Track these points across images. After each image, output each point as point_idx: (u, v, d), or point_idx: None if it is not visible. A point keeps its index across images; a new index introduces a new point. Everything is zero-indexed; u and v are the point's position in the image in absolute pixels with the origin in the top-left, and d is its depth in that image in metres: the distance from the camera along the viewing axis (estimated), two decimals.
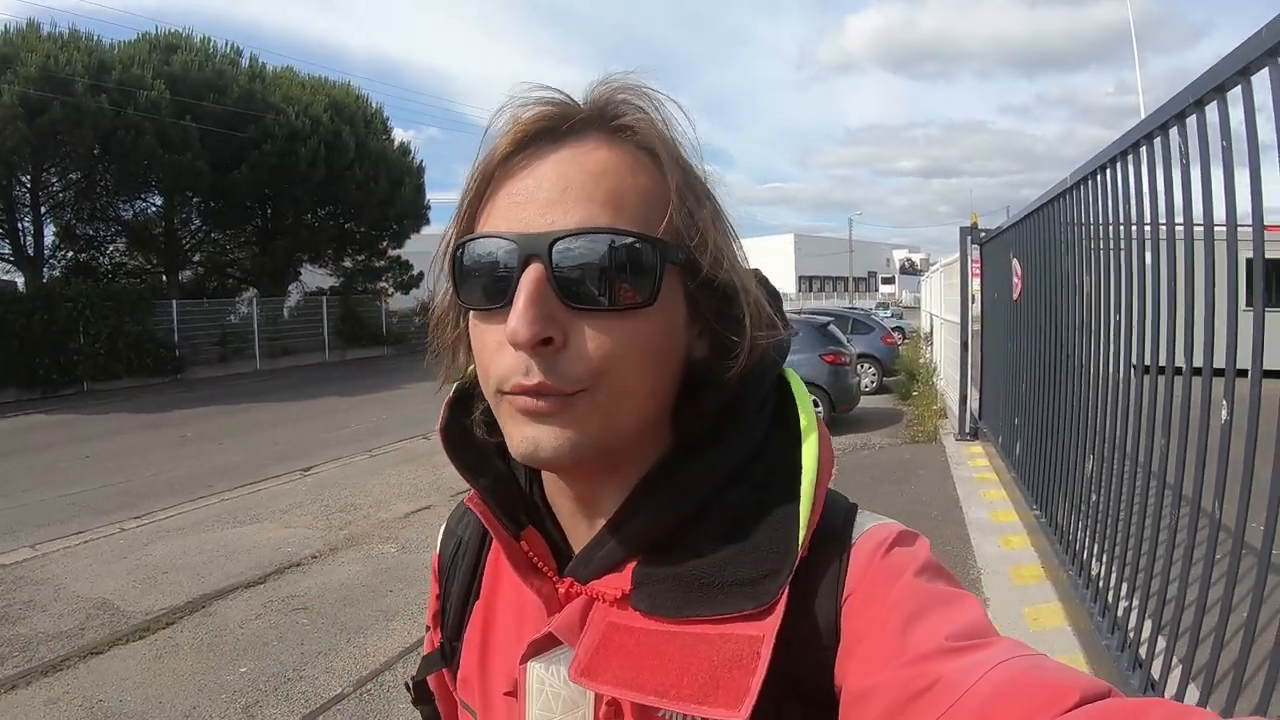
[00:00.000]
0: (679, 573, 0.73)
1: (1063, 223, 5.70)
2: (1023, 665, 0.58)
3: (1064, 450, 5.70)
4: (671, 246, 0.71)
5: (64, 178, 24.49)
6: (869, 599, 0.69)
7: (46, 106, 20.37)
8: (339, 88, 30.07)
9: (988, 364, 10.34)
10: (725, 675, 0.66)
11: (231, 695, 5.08)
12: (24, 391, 20.87)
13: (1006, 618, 5.36)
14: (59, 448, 13.99)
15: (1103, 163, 4.47)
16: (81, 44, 22.70)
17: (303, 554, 7.74)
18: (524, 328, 0.66)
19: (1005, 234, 8.57)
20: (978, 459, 10.04)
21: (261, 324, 27.63)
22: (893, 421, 13.88)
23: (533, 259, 0.68)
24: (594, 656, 0.71)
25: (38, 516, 9.43)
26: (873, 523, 0.76)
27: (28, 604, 6.75)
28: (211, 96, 24.52)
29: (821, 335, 13.58)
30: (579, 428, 0.70)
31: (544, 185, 0.71)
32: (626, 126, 0.75)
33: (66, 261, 26.53)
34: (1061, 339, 5.83)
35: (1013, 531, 7.11)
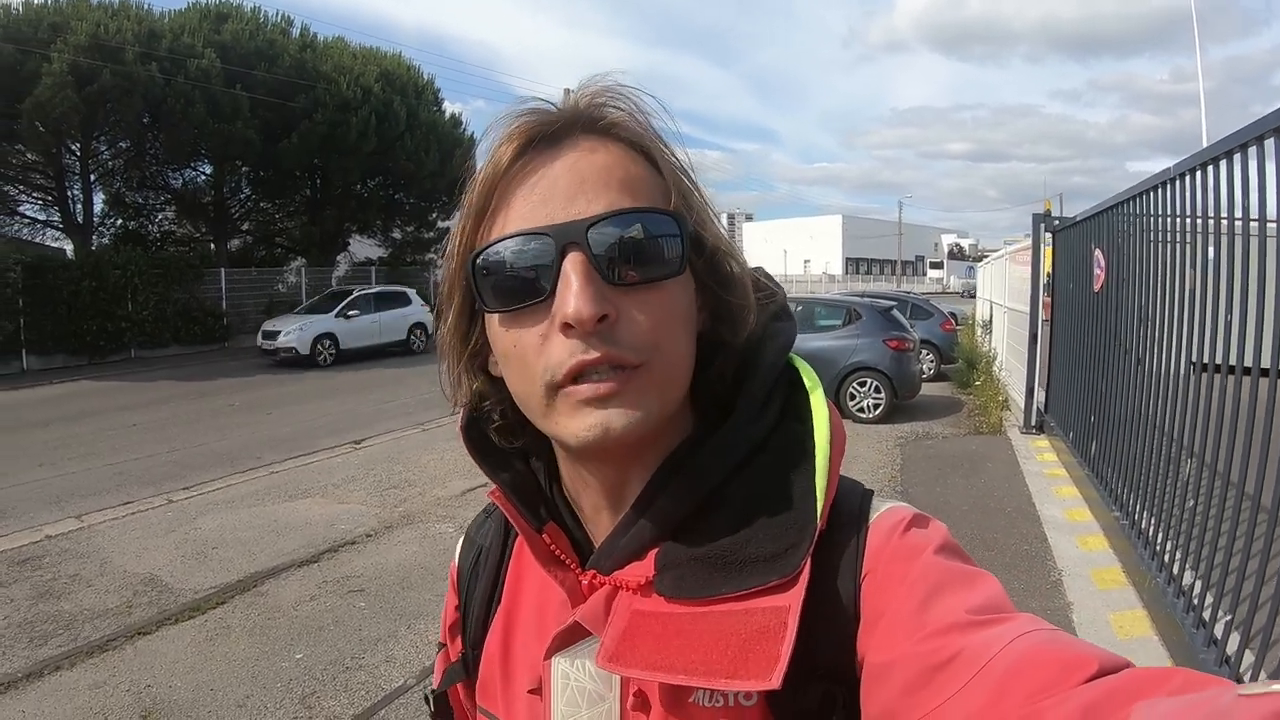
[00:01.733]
0: (701, 554, 0.74)
1: (1163, 214, 5.48)
2: (1043, 638, 0.59)
3: (1150, 452, 5.55)
4: (686, 220, 0.75)
5: (113, 146, 24.42)
6: (888, 576, 0.70)
7: (96, 75, 20.30)
8: (390, 58, 29.71)
9: (1057, 356, 10.05)
10: (754, 647, 0.67)
11: (287, 684, 4.80)
12: (71, 358, 20.91)
13: (1091, 624, 5.21)
14: (106, 415, 13.88)
15: (1217, 154, 4.23)
16: (131, 13, 22.63)
17: (357, 532, 7.46)
18: (586, 304, 0.68)
19: (1085, 223, 8.33)
20: (1045, 454, 9.79)
21: (309, 294, 27.46)
22: (953, 410, 13.46)
23: (570, 246, 0.70)
24: (621, 643, 0.72)
25: (84, 486, 9.25)
26: (888, 505, 0.77)
27: (73, 578, 6.51)
28: (262, 66, 24.35)
29: (885, 320, 13.20)
30: (643, 402, 0.71)
31: (560, 182, 0.73)
32: (612, 124, 0.77)
33: (115, 229, 26.61)
34: (1151, 336, 5.67)
35: (1089, 532, 6.86)
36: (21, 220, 25.10)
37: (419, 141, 27.75)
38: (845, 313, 13.40)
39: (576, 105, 0.78)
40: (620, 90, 0.79)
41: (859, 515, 0.76)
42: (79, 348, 21.02)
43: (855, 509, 0.76)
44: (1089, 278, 7.88)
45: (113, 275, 21.64)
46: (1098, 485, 7.12)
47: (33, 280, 20.12)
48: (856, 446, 10.65)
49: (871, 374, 12.50)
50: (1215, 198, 4.31)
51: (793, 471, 0.75)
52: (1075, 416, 8.59)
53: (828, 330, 13.18)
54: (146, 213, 27.60)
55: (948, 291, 69.64)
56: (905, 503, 0.78)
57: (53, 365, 20.37)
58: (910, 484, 8.84)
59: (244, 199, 29.02)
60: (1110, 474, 6.75)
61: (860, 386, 12.56)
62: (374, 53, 29.41)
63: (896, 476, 9.18)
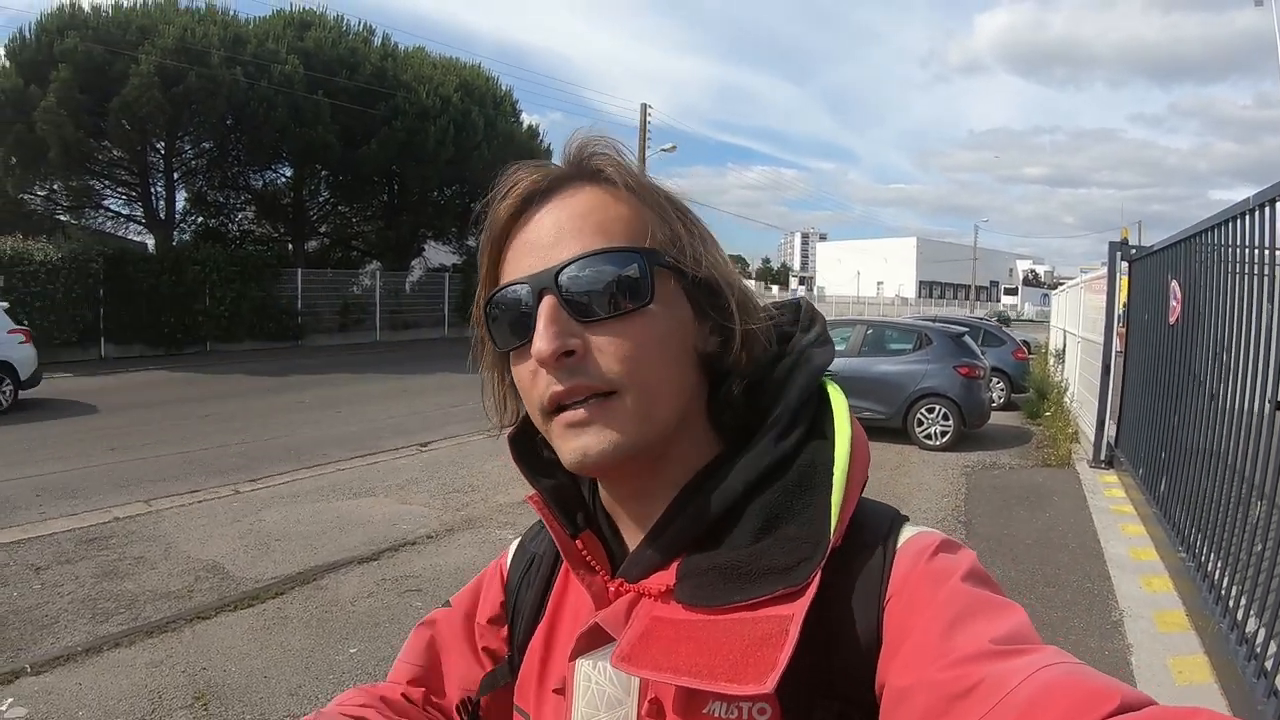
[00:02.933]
0: (718, 564, 0.77)
1: (1241, 246, 5.30)
2: (1066, 670, 0.60)
3: (1219, 492, 5.38)
4: (655, 252, 0.79)
5: (197, 146, 25.03)
6: (913, 601, 0.71)
7: (182, 76, 20.83)
8: (469, 69, 30.09)
9: (1129, 389, 9.80)
10: (755, 653, 0.69)
11: (339, 677, 4.80)
12: (149, 348, 21.40)
13: (1150, 668, 5.06)
14: (180, 405, 14.15)
15: None
16: (218, 18, 23.25)
17: (418, 533, 7.48)
18: (546, 343, 0.75)
19: (1162, 252, 8.14)
20: (1113, 489, 9.51)
21: (383, 297, 27.99)
22: (1021, 441, 13.16)
23: (545, 292, 0.77)
24: (635, 645, 0.75)
25: (155, 472, 9.39)
26: (917, 530, 0.79)
27: (138, 560, 6.59)
28: (344, 73, 24.78)
29: (956, 346, 12.97)
30: (619, 428, 0.77)
31: (542, 234, 0.81)
32: (599, 169, 0.83)
33: (196, 226, 27.26)
34: (1228, 371, 5.45)
35: (1154, 573, 6.66)
36: (106, 214, 25.78)
37: (496, 151, 27.84)
38: (916, 337, 13.22)
39: (570, 155, 0.85)
40: (603, 138, 0.86)
41: (886, 538, 0.77)
42: (156, 339, 21.52)
43: (884, 531, 0.78)
44: (1165, 309, 7.68)
45: (191, 270, 22.13)
46: (1165, 524, 6.93)
47: (114, 272, 20.64)
48: (922, 474, 10.53)
49: (940, 400, 12.29)
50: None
51: (811, 489, 0.77)
52: (1146, 452, 8.38)
53: (898, 354, 13.04)
54: (227, 211, 28.24)
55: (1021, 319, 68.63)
56: (933, 528, 0.80)
57: (130, 354, 20.85)
58: (974, 515, 8.65)
59: (322, 202, 29.55)
60: (1179, 513, 6.56)
61: (929, 413, 12.34)
62: (453, 63, 29.79)
63: (960, 506, 8.98)
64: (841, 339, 13.48)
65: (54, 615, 5.51)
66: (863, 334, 13.44)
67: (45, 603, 5.72)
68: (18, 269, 18.51)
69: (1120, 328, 10.42)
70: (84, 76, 19.99)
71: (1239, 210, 5.22)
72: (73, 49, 19.90)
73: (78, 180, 22.90)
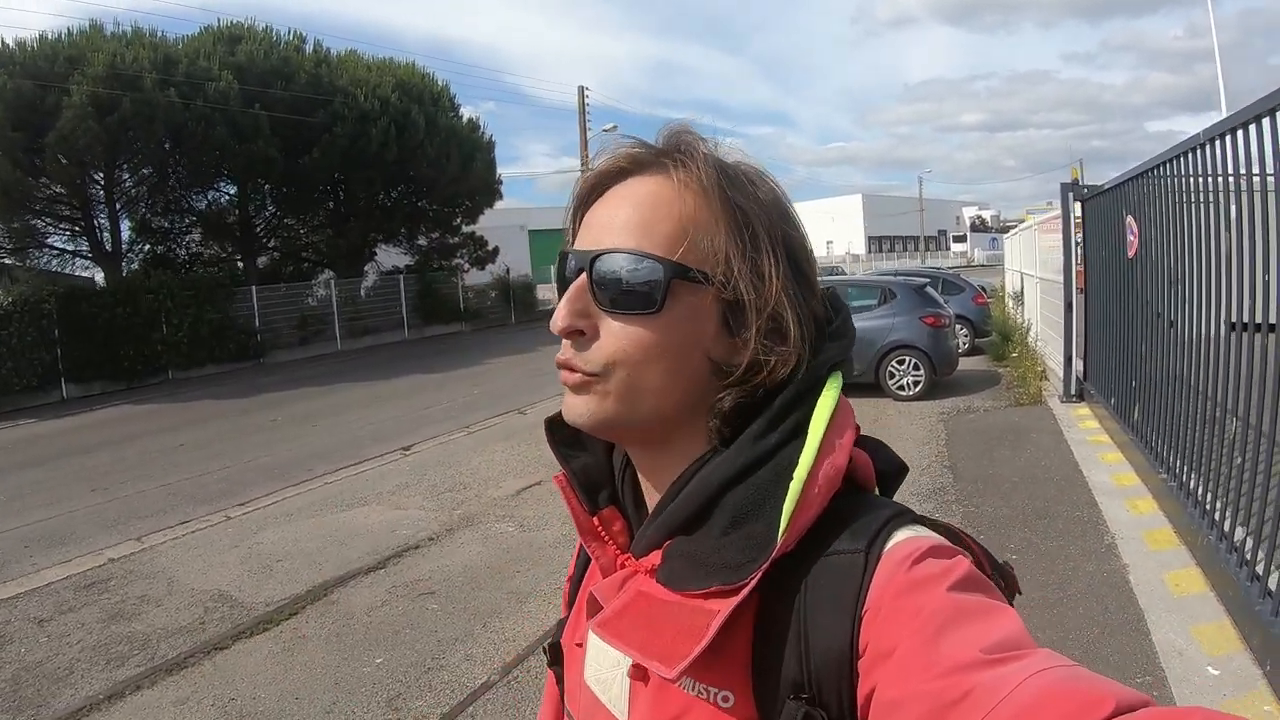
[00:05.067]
0: (688, 552, 0.82)
1: (1191, 177, 5.69)
2: (1059, 675, 0.59)
3: (1193, 413, 5.72)
4: (682, 267, 0.82)
5: (136, 173, 24.46)
6: (897, 610, 0.70)
7: (117, 104, 20.37)
8: (404, 67, 29.73)
9: (1093, 324, 10.09)
10: (682, 639, 0.75)
11: (371, 688, 4.79)
12: (109, 383, 21.00)
13: (1147, 584, 5.29)
14: (151, 437, 13.92)
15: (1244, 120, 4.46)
16: (146, 40, 22.70)
17: (419, 536, 7.45)
18: (560, 319, 0.84)
19: (1114, 190, 8.44)
20: (1087, 421, 9.81)
21: (340, 305, 27.66)
22: (991, 384, 13.43)
23: (581, 269, 0.84)
24: (611, 615, 0.83)
25: (139, 508, 9.25)
26: (907, 534, 0.78)
27: (141, 599, 6.51)
28: (279, 84, 24.37)
29: (920, 297, 13.21)
30: (596, 404, 0.84)
31: (600, 216, 0.87)
32: (679, 163, 0.86)
33: (144, 255, 26.69)
34: (1183, 299, 5.89)
35: (1138, 495, 6.93)
36: (50, 251, 25.23)
37: (439, 148, 27.74)
38: (880, 292, 13.44)
39: (663, 138, 0.89)
40: (692, 133, 0.89)
41: (872, 542, 0.76)
42: (116, 373, 21.11)
43: (872, 533, 0.77)
44: (1121, 244, 7.94)
45: (145, 300, 21.73)
46: (1143, 449, 7.22)
47: (67, 310, 20.19)
48: (900, 425, 10.71)
49: (910, 352, 12.54)
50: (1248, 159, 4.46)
51: (779, 490, 0.78)
52: (1116, 383, 8.66)
53: (863, 311, 13.14)
54: (173, 236, 27.68)
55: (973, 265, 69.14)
56: (930, 531, 0.80)
57: (91, 392, 20.45)
58: (957, 458, 8.81)
59: (269, 216, 29.11)
60: (1155, 438, 6.86)
61: (899, 365, 12.59)
62: (388, 63, 29.42)
63: (943, 451, 9.16)
64: None
65: (67, 666, 5.43)
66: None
67: (55, 655, 5.62)
68: None
69: (1079, 266, 10.61)
70: (15, 114, 19.48)
71: (1189, 145, 5.53)
72: (1, 87, 19.42)
73: (19, 221, 22.39)
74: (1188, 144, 5.57)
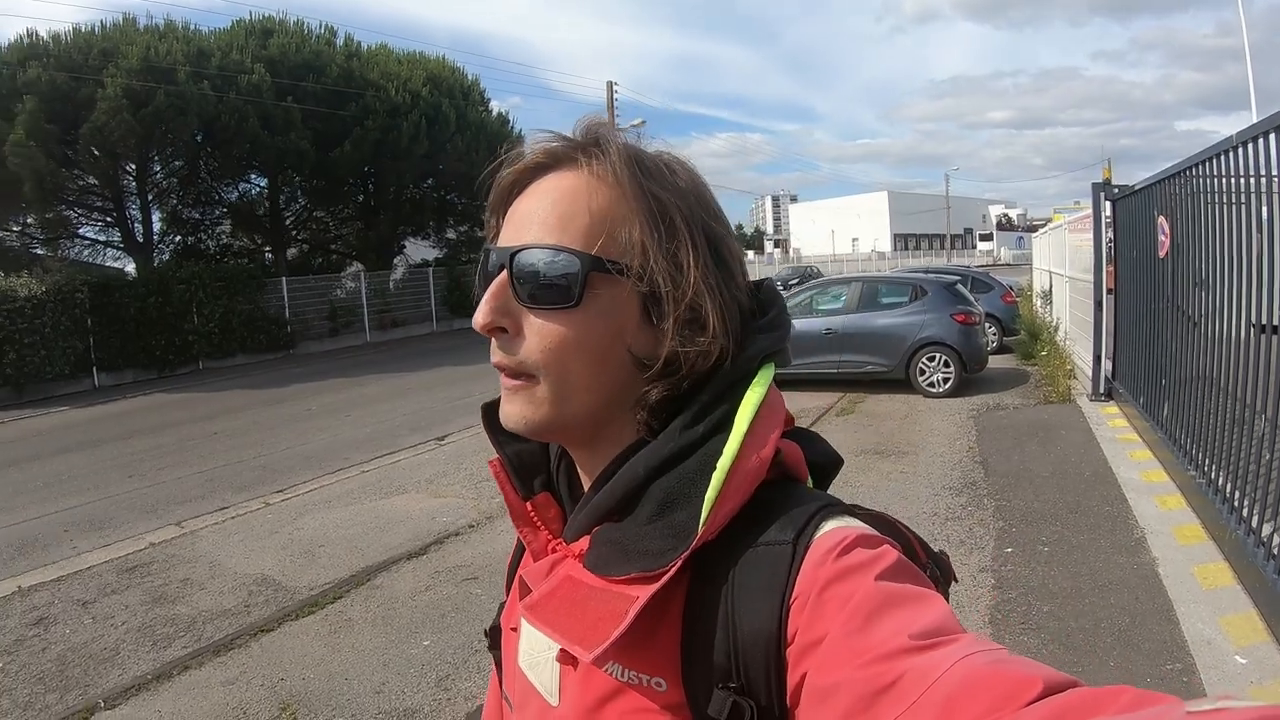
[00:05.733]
0: (612, 539, 0.83)
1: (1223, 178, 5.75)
2: (986, 659, 0.59)
3: (1222, 412, 5.76)
4: (598, 259, 0.82)
5: (168, 165, 24.70)
6: (825, 599, 0.70)
7: (151, 97, 20.58)
8: (435, 61, 29.84)
9: (1123, 324, 10.07)
10: (601, 624, 0.76)
11: (420, 669, 4.80)
12: (141, 372, 21.19)
13: (1177, 577, 5.34)
14: (185, 425, 14.01)
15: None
16: (179, 33, 22.93)
17: (459, 523, 7.45)
18: (481, 316, 0.85)
19: (1145, 190, 8.45)
20: (1116, 419, 9.77)
21: (369, 298, 27.83)
22: (1020, 382, 13.34)
23: (502, 266, 0.84)
24: (540, 599, 0.84)
25: (177, 494, 9.30)
26: (835, 524, 0.78)
27: (184, 582, 6.52)
28: (310, 77, 24.55)
29: (951, 295, 13.15)
30: (533, 407, 0.85)
31: (520, 212, 0.87)
32: (593, 155, 0.86)
33: (175, 246, 26.98)
34: (1217, 298, 5.91)
35: (1166, 492, 6.98)
36: (82, 242, 25.49)
37: (469, 142, 27.80)
38: (911, 290, 13.39)
39: (579, 133, 0.89)
40: (607, 124, 0.90)
41: (800, 532, 0.77)
42: (148, 363, 21.30)
43: (800, 524, 0.77)
44: (1153, 244, 7.96)
45: (178, 290, 21.88)
46: (1172, 447, 7.24)
47: (100, 300, 20.37)
48: (931, 421, 10.66)
49: (940, 349, 12.49)
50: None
51: (704, 479, 0.78)
52: (1145, 382, 8.69)
53: (894, 308, 13.17)
54: (204, 227, 28.00)
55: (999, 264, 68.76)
56: (858, 521, 0.80)
57: (123, 381, 20.64)
58: (988, 453, 8.79)
59: (299, 209, 29.38)
60: (1183, 436, 6.91)
61: (930, 361, 12.54)
62: (419, 57, 29.56)
63: (974, 447, 9.13)
64: (838, 297, 13.83)
65: (113, 647, 5.44)
66: (859, 291, 13.66)
67: (100, 636, 5.65)
68: (4, 307, 18.23)
69: (1109, 265, 10.60)
70: (50, 106, 19.68)
71: (1223, 147, 5.57)
72: (36, 79, 19.58)
73: (52, 212, 22.60)
74: (1221, 145, 5.61)
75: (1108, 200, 10.36)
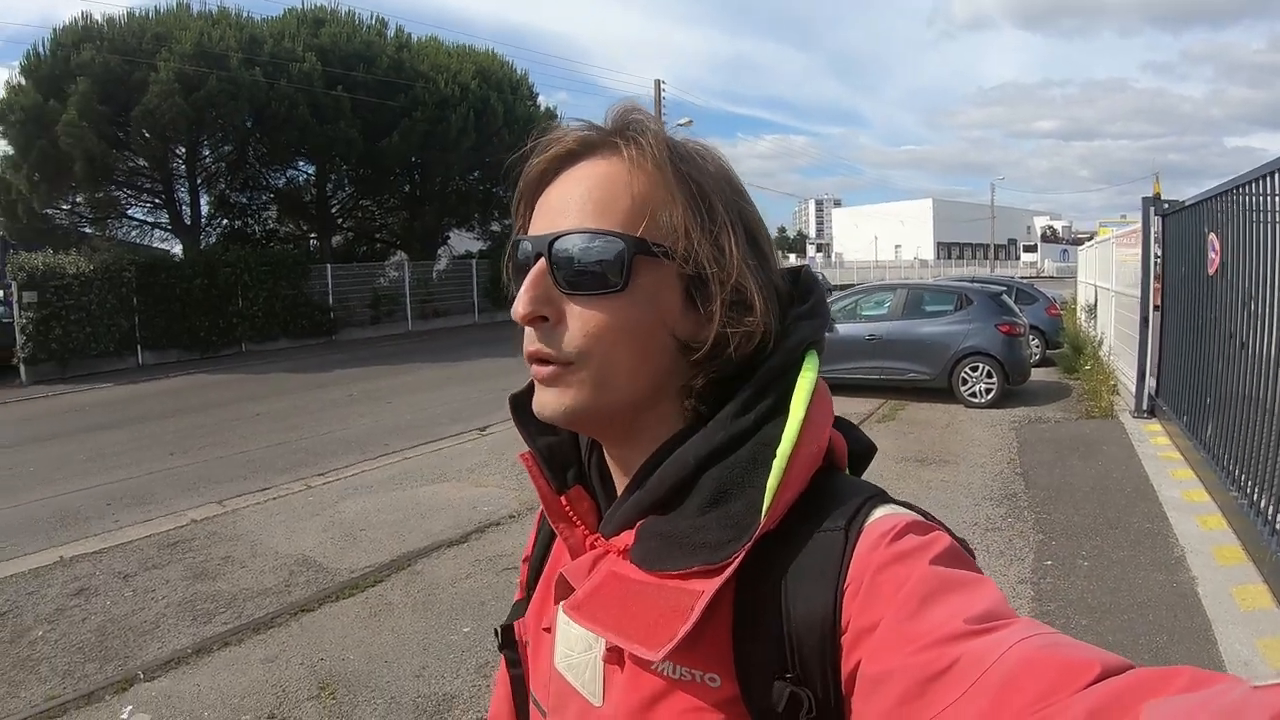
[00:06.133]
0: (664, 532, 0.80)
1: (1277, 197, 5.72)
2: (1043, 642, 0.59)
3: (1268, 432, 5.68)
4: (643, 242, 0.80)
5: (217, 150, 24.95)
6: (878, 584, 0.69)
7: (203, 82, 20.80)
8: (484, 55, 29.94)
9: (1169, 340, 9.90)
10: (665, 621, 0.73)
11: (460, 655, 4.79)
12: (184, 352, 21.43)
13: (1215, 597, 5.27)
14: (228, 406, 14.13)
15: None
16: (232, 20, 23.19)
17: (500, 514, 7.42)
18: (521, 306, 0.81)
19: (1196, 207, 8.34)
20: (1158, 437, 9.62)
21: (412, 287, 28.04)
22: (1062, 395, 13.16)
23: (540, 254, 0.82)
24: (584, 597, 0.82)
25: (219, 473, 9.35)
26: (886, 511, 0.77)
27: (225, 560, 6.54)
28: (361, 67, 24.68)
29: (996, 305, 13.02)
30: (573, 394, 0.81)
31: (553, 199, 0.84)
32: (629, 140, 0.83)
33: (221, 229, 27.27)
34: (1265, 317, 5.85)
35: (1207, 512, 6.88)
36: (130, 222, 25.79)
37: (516, 136, 27.46)
38: (956, 298, 13.25)
39: (611, 119, 0.86)
40: (641, 110, 0.88)
41: (851, 520, 0.76)
42: (191, 343, 21.54)
43: (849, 513, 0.76)
44: (1202, 261, 7.86)
45: (223, 273, 22.13)
46: (1214, 467, 7.14)
47: (146, 280, 20.65)
48: (972, 431, 10.54)
49: (984, 359, 12.33)
50: None
51: (759, 468, 0.77)
52: (1189, 400, 8.58)
53: (939, 316, 13.05)
54: (251, 212, 28.27)
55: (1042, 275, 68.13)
56: (907, 509, 0.79)
57: (166, 360, 20.88)
58: (1030, 466, 8.67)
59: (345, 197, 29.53)
60: (1226, 456, 6.83)
61: (972, 371, 12.38)
62: (468, 50, 29.65)
63: (1015, 459, 9.01)
64: (882, 303, 13.70)
65: (153, 620, 5.45)
66: (904, 297, 13.53)
67: (141, 609, 5.67)
68: (51, 283, 18.54)
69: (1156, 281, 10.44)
70: (103, 88, 19.95)
71: (1277, 165, 5.58)
72: (90, 61, 19.85)
73: (102, 191, 22.83)
74: (1275, 164, 5.57)
75: (1158, 215, 10.23)
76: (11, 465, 10.18)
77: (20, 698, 4.56)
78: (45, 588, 6.11)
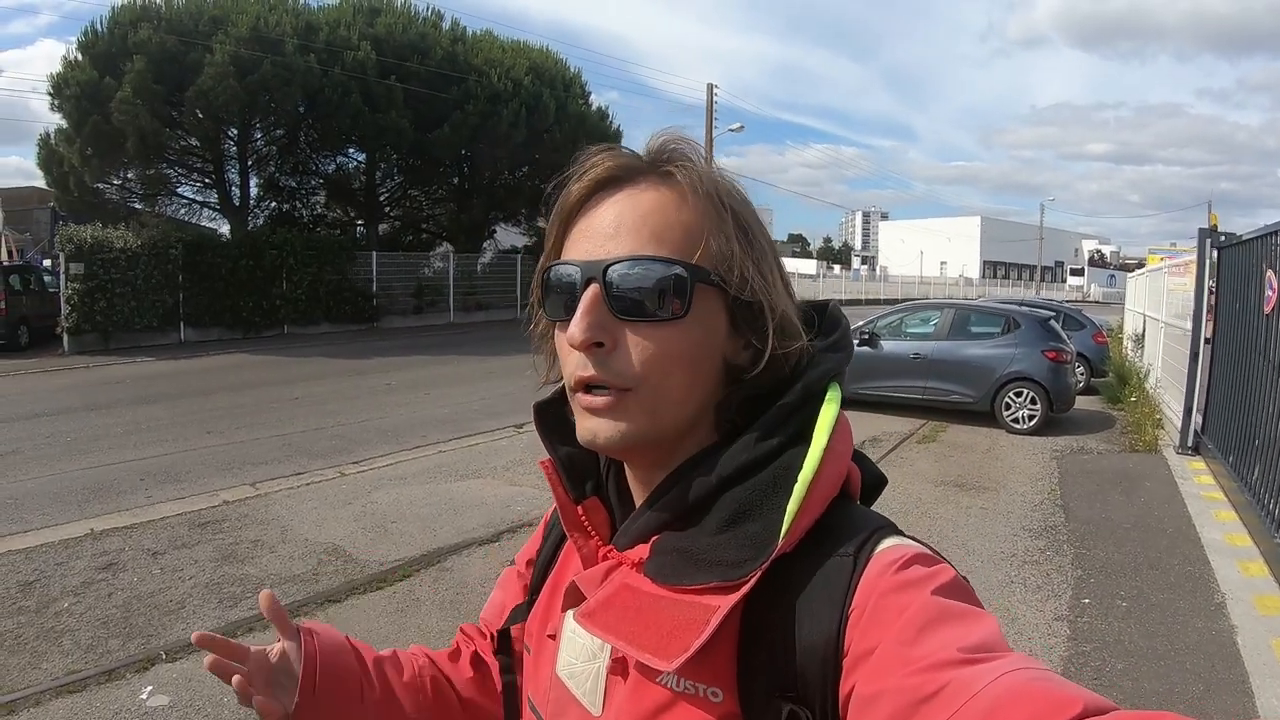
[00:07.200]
0: (680, 548, 0.82)
1: None
2: (1031, 676, 0.61)
3: None
4: (702, 270, 0.82)
5: (268, 133, 25.09)
6: (880, 610, 0.71)
7: (257, 65, 20.92)
8: (538, 51, 29.92)
9: (1218, 377, 9.60)
10: (678, 634, 0.75)
11: None
12: (226, 331, 21.67)
13: (1254, 648, 5.10)
14: (267, 388, 14.18)
15: None
16: (289, 6, 23.35)
17: (533, 514, 7.32)
18: (579, 332, 0.80)
19: (1256, 241, 8.08)
20: (1202, 475, 9.32)
21: (456, 279, 28.16)
22: (1106, 426, 12.86)
23: (591, 280, 0.82)
24: (596, 606, 0.84)
25: (253, 455, 9.35)
26: (894, 541, 0.79)
27: (255, 543, 6.51)
28: (415, 58, 24.74)
29: (1044, 330, 12.76)
30: (628, 422, 0.82)
31: (603, 223, 0.84)
32: (673, 171, 0.86)
33: (269, 212, 27.48)
34: None
35: (1250, 557, 6.68)
36: (180, 200, 25.97)
37: (567, 134, 27.63)
38: (1004, 321, 13.01)
39: (651, 148, 0.88)
40: (683, 139, 0.89)
41: (860, 547, 0.77)
42: (234, 322, 21.75)
43: (861, 540, 0.78)
44: (1258, 297, 7.64)
45: (269, 255, 22.34)
46: (1259, 511, 6.96)
47: (192, 258, 20.90)
48: (1013, 458, 10.33)
49: (1028, 385, 12.08)
50: None
51: (781, 492, 0.78)
52: (1236, 440, 8.34)
53: (985, 338, 12.84)
54: (299, 196, 28.45)
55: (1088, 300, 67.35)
56: (915, 542, 0.80)
57: (208, 338, 21.13)
58: (1070, 498, 8.45)
59: (394, 186, 29.65)
60: (1272, 501, 6.68)
61: (1016, 396, 12.13)
62: (522, 46, 29.62)
63: (1055, 490, 8.79)
64: (930, 322, 13.48)
65: (179, 600, 5.43)
66: (951, 317, 13.28)
67: (168, 588, 5.63)
68: (99, 256, 18.82)
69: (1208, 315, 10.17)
70: (158, 67, 20.10)
71: None
72: (146, 40, 20.05)
73: (153, 169, 23.02)
74: None
75: (1214, 247, 9.96)
76: (49, 434, 10.24)
77: (41, 669, 4.54)
78: (74, 559, 6.10)
